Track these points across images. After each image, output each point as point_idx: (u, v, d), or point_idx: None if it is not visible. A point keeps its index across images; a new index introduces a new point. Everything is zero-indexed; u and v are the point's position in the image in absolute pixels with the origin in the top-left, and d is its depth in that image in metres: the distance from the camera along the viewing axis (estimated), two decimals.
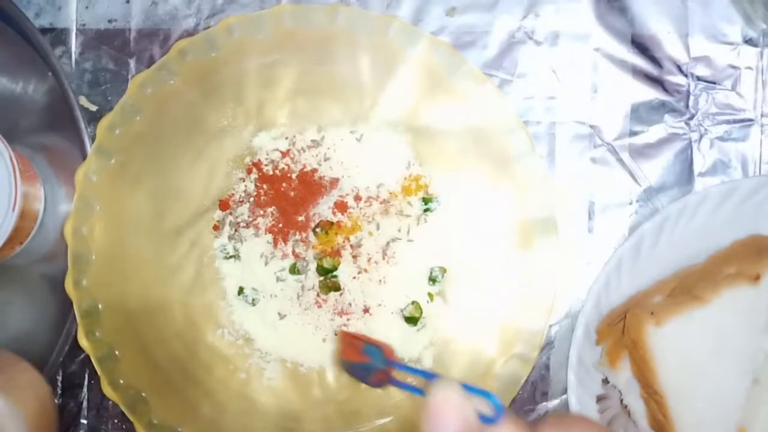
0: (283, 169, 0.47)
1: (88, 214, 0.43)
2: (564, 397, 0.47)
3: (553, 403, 0.47)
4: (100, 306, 0.42)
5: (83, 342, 0.41)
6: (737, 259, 0.43)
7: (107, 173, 0.43)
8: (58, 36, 0.50)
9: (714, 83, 0.48)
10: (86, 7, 0.50)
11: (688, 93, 0.48)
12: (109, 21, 0.50)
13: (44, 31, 0.49)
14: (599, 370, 0.44)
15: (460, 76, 0.43)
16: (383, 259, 0.46)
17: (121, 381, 0.41)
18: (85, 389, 0.49)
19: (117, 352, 0.42)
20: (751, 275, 0.41)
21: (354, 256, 0.46)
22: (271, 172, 0.47)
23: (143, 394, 0.42)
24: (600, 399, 0.45)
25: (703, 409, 0.41)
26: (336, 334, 0.46)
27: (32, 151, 0.49)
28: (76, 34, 0.50)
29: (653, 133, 0.48)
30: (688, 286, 0.42)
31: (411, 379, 0.40)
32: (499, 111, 0.43)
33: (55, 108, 0.48)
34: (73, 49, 0.50)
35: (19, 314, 0.50)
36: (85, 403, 0.49)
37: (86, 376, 0.49)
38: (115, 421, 0.48)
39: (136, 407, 0.42)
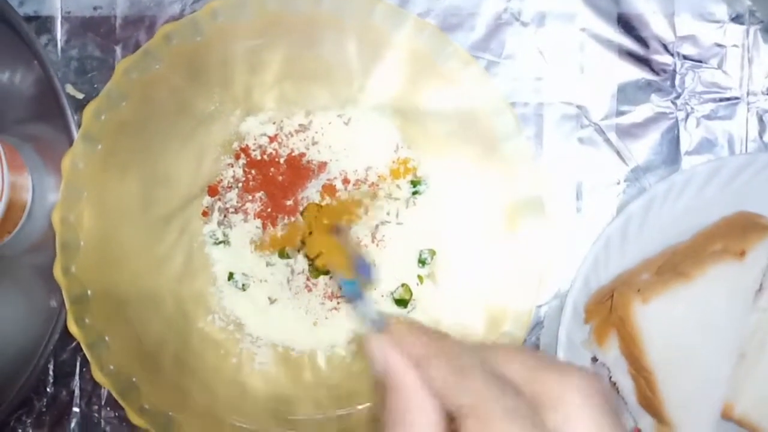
0: (271, 153, 0.47)
1: (75, 201, 0.42)
2: None
3: None
4: (89, 292, 0.42)
5: (73, 328, 0.41)
6: (723, 236, 0.43)
7: (94, 160, 0.43)
8: (43, 24, 0.49)
9: (700, 62, 0.48)
10: None
11: (675, 72, 0.48)
12: (95, 8, 0.49)
13: (29, 19, 0.49)
14: (588, 348, 0.44)
15: (446, 58, 0.43)
16: (372, 242, 0.46)
17: (112, 367, 0.41)
18: (77, 378, 0.49)
19: (107, 338, 0.42)
20: (737, 251, 0.41)
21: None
22: (259, 157, 0.47)
23: (134, 380, 0.42)
24: None
25: (690, 384, 0.41)
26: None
27: (19, 140, 0.49)
28: (61, 21, 0.49)
29: (640, 112, 0.48)
30: (674, 264, 0.42)
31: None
32: (485, 93, 0.43)
33: (42, 97, 0.48)
34: (59, 37, 0.49)
35: (8, 304, 0.50)
36: (77, 392, 0.49)
37: (78, 364, 0.49)
38: (108, 408, 0.48)
39: (127, 393, 0.42)
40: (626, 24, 0.48)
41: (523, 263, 0.44)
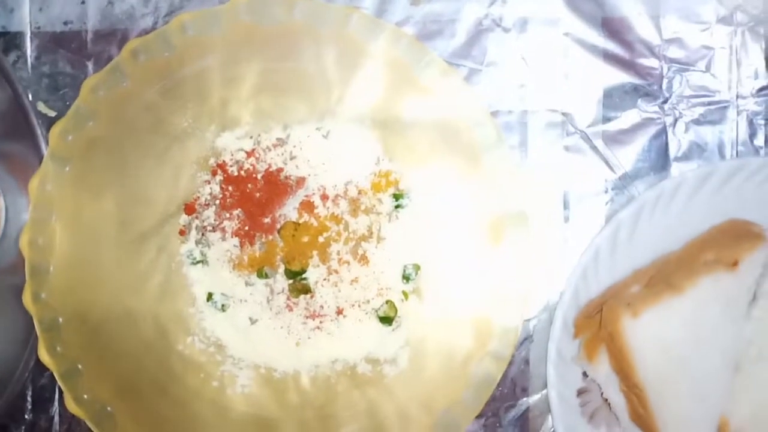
0: (249, 169, 0.45)
1: (44, 224, 0.41)
2: (544, 392, 0.46)
3: (533, 399, 0.46)
4: (60, 320, 0.41)
5: (44, 357, 0.40)
6: (715, 245, 0.42)
7: (64, 181, 0.42)
8: (12, 40, 0.48)
9: (687, 65, 0.47)
10: (40, 9, 0.48)
11: (661, 76, 0.47)
12: (65, 23, 0.48)
13: None
14: (578, 364, 0.43)
15: (424, 68, 0.42)
16: (354, 259, 0.45)
17: (86, 396, 0.40)
18: (56, 403, 0.48)
19: (80, 366, 0.41)
20: (729, 261, 0.40)
21: (323, 258, 0.45)
22: (236, 173, 0.45)
23: (109, 409, 0.41)
24: (581, 392, 0.44)
25: (684, 400, 0.40)
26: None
27: None
28: (30, 37, 0.48)
29: (627, 118, 0.47)
30: (665, 275, 0.41)
31: None
32: (466, 103, 0.42)
33: (13, 115, 0.47)
34: (29, 53, 0.48)
35: None
36: (56, 418, 0.47)
37: (56, 389, 0.47)
38: None
39: (103, 422, 0.40)
40: (611, 27, 0.47)
41: (509, 278, 0.42)
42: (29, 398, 0.48)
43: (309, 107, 0.45)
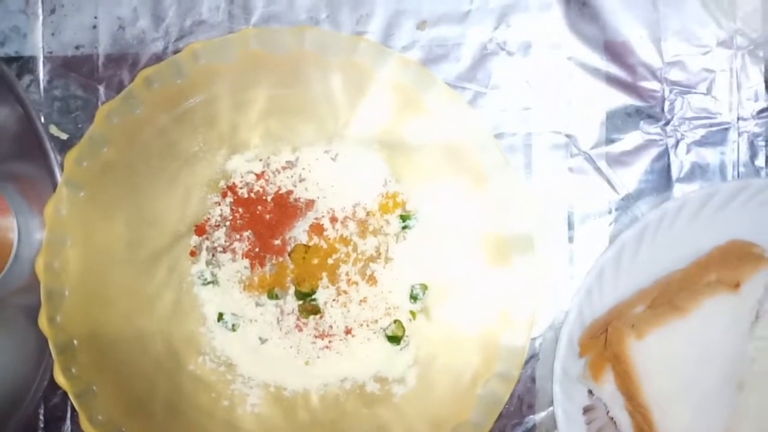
0: (258, 191, 0.46)
1: (59, 248, 0.42)
2: (551, 409, 0.46)
3: (540, 416, 0.47)
4: (75, 342, 0.41)
5: (60, 379, 0.41)
6: (717, 266, 0.42)
7: (78, 205, 0.42)
8: (26, 64, 0.49)
9: (689, 87, 0.47)
10: (52, 34, 0.49)
11: (663, 98, 0.48)
12: (77, 47, 0.49)
13: (10, 60, 0.49)
14: (584, 383, 0.43)
15: (430, 94, 0.43)
16: (363, 279, 0.46)
17: (100, 417, 0.41)
18: (68, 422, 0.48)
19: (94, 388, 0.41)
20: (731, 283, 0.40)
21: (332, 279, 0.46)
22: (246, 195, 0.46)
23: (123, 429, 0.41)
24: (587, 410, 0.45)
25: (688, 419, 0.40)
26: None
27: (2, 181, 0.49)
28: (43, 62, 0.49)
29: (629, 140, 0.47)
30: (669, 296, 0.42)
31: None
32: (471, 127, 0.43)
33: (26, 137, 0.48)
34: (41, 77, 0.49)
35: None
36: None
37: (69, 409, 0.48)
38: None
39: None
40: (613, 51, 0.48)
41: (515, 300, 0.43)
42: (41, 417, 0.48)
43: (317, 131, 0.46)
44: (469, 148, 0.43)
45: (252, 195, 0.46)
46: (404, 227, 0.46)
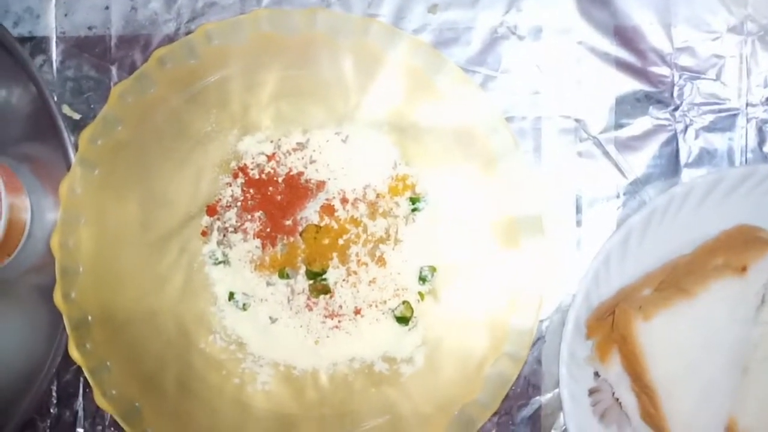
0: (269, 172, 0.47)
1: (74, 226, 0.42)
2: (556, 391, 0.47)
3: (546, 397, 0.48)
4: (89, 318, 0.42)
5: (74, 354, 0.41)
6: (724, 250, 0.43)
7: (92, 184, 0.43)
8: (38, 45, 0.49)
9: (698, 73, 0.48)
10: (65, 15, 0.49)
11: (673, 84, 0.48)
12: (89, 28, 0.49)
13: (23, 40, 0.49)
14: (590, 364, 0.44)
15: (442, 76, 0.43)
16: (372, 260, 0.46)
17: (114, 392, 0.41)
18: (80, 398, 0.49)
19: (108, 363, 0.42)
20: (738, 267, 0.41)
21: (342, 259, 0.46)
22: (257, 176, 0.47)
23: (136, 404, 0.42)
24: (592, 392, 0.45)
25: (693, 401, 0.41)
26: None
27: (16, 161, 0.49)
28: (56, 42, 0.49)
29: (638, 125, 0.48)
30: (675, 279, 0.42)
31: None
32: (481, 110, 0.43)
33: (39, 117, 0.48)
34: (54, 57, 0.49)
35: (10, 326, 0.50)
36: (80, 413, 0.49)
37: (81, 385, 0.49)
38: (112, 429, 0.48)
39: (130, 418, 0.42)
40: (623, 36, 0.48)
41: (524, 282, 0.43)
42: (54, 393, 0.49)
43: (327, 112, 0.46)
44: (480, 131, 0.43)
45: (263, 176, 0.47)
46: (413, 209, 0.46)
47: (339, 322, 0.46)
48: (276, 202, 0.46)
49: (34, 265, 0.49)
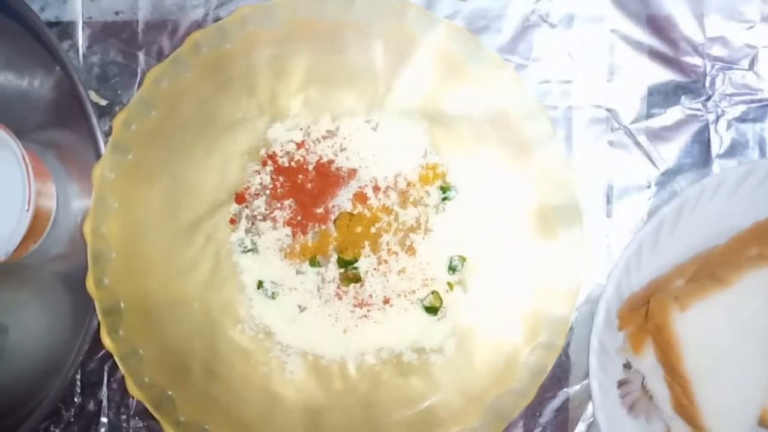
0: (299, 160, 0.46)
1: (106, 212, 0.42)
2: (585, 382, 0.47)
3: (574, 389, 0.47)
4: (122, 304, 0.42)
5: (106, 341, 0.41)
6: (758, 241, 0.43)
7: (123, 170, 0.43)
8: (65, 30, 0.49)
9: (731, 63, 0.47)
10: (92, 0, 0.49)
11: (705, 74, 0.47)
12: (116, 13, 0.49)
13: (50, 24, 0.48)
14: (621, 355, 0.44)
15: (478, 62, 0.43)
16: (402, 249, 0.46)
17: (146, 379, 0.41)
18: (104, 387, 0.48)
19: (140, 351, 0.42)
20: None
21: (374, 248, 0.46)
22: (286, 164, 0.46)
23: (169, 392, 0.42)
24: (621, 384, 0.45)
25: (727, 391, 0.41)
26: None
27: (42, 147, 0.49)
28: (82, 27, 0.49)
29: (670, 115, 0.47)
30: (710, 269, 0.42)
31: None
32: (518, 96, 0.43)
33: (63, 103, 0.48)
34: (80, 42, 0.49)
35: (35, 314, 0.49)
36: (104, 402, 0.48)
37: (105, 374, 0.48)
38: (136, 418, 0.48)
39: (162, 405, 0.42)
40: (655, 25, 0.47)
41: (559, 270, 0.43)
42: (78, 382, 0.49)
43: (357, 99, 0.46)
44: (515, 117, 0.43)
45: (293, 164, 0.46)
46: (444, 198, 0.46)
47: (368, 311, 0.46)
48: (306, 190, 0.46)
49: (59, 253, 0.48)
